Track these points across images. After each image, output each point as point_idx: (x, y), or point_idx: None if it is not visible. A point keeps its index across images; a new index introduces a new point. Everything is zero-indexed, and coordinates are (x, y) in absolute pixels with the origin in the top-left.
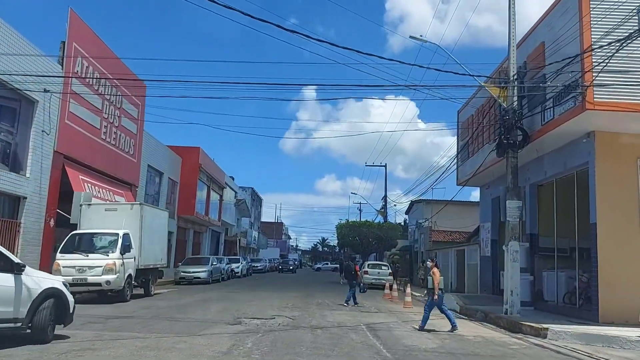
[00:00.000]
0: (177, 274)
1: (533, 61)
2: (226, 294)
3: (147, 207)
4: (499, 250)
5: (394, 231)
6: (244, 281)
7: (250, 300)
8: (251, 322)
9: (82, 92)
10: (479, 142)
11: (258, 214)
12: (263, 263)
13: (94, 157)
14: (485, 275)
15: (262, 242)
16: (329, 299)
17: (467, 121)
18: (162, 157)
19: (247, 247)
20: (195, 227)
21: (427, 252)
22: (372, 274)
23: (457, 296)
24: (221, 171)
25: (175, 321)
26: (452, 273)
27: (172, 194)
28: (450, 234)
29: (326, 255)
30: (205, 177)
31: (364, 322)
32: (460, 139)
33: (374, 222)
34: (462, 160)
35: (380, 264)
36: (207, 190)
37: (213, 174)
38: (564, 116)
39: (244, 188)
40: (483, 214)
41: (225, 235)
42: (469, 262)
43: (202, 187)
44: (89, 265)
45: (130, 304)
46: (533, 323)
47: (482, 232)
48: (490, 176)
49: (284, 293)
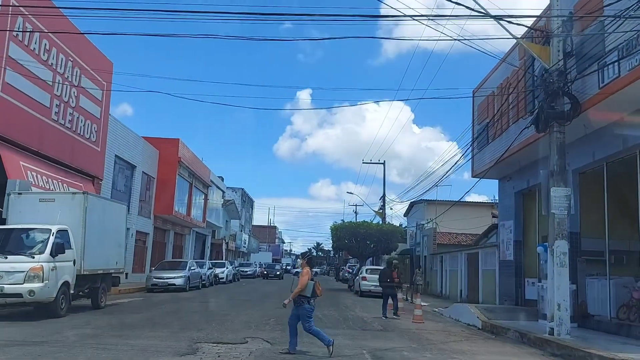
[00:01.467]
0: (149, 280)
1: (583, 9)
2: (199, 304)
3: (93, 198)
4: (525, 252)
5: (395, 233)
6: (227, 288)
7: (225, 313)
8: (211, 351)
9: (24, 61)
10: (503, 123)
11: (249, 216)
12: (253, 268)
13: (42, 140)
14: (506, 282)
15: (254, 245)
16: (320, 310)
17: (485, 102)
18: (134, 148)
19: (236, 250)
20: (177, 229)
21: (431, 257)
22: (371, 280)
23: (476, 308)
24: (206, 168)
25: (104, 349)
26: (462, 280)
27: (148, 191)
28: (455, 236)
29: (321, 259)
30: (186, 173)
31: (368, 347)
32: (476, 123)
33: (372, 222)
34: (478, 148)
35: (378, 269)
36: (189, 188)
37: (196, 170)
38: (636, 71)
39: (233, 189)
40: (503, 210)
41: (212, 237)
42: (485, 267)
43: (183, 184)
44: (6, 271)
45: (63, 320)
46: (601, 351)
47: (502, 232)
48: (513, 165)
49: (267, 303)
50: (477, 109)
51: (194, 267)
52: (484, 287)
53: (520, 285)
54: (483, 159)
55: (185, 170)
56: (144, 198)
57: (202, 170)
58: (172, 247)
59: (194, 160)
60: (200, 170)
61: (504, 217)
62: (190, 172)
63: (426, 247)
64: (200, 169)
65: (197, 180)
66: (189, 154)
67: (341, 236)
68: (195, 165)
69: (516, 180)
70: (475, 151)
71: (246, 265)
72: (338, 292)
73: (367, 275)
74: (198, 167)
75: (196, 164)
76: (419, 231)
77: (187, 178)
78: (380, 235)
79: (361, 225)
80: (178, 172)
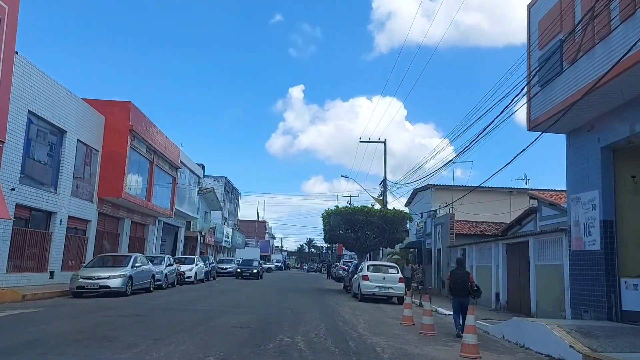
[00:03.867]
0: (74, 281)
1: None
2: (110, 321)
3: None
4: (621, 239)
5: (401, 221)
6: (189, 291)
7: (138, 343)
8: None
9: None
10: (596, 30)
11: (234, 208)
12: (233, 265)
13: None
14: (583, 284)
15: (239, 240)
16: (304, 327)
17: (555, 9)
18: (63, 108)
19: (216, 245)
20: (135, 217)
21: (447, 250)
22: (375, 280)
23: (560, 327)
24: (174, 147)
25: None
26: (499, 279)
27: (88, 166)
28: (476, 224)
29: (313, 256)
30: (144, 148)
31: None
32: (537, 49)
33: (373, 207)
34: (541, 85)
35: (386, 266)
36: (149, 168)
37: (158, 146)
38: None
39: (215, 177)
40: (576, 178)
41: (186, 230)
42: (540, 261)
43: (140, 162)
44: None
45: None
46: None
47: (574, 210)
48: (606, 102)
49: (225, 319)
50: (538, 26)
51: (140, 263)
52: (541, 291)
53: (614, 288)
54: (551, 98)
55: (142, 145)
56: (81, 175)
57: (167, 147)
58: (128, 240)
59: (155, 134)
60: (166, 147)
61: (578, 187)
62: (149, 147)
63: (440, 238)
64: (166, 146)
65: (161, 160)
66: (147, 125)
67: (335, 225)
68: (157, 140)
69: (603, 130)
70: (534, 90)
71: (226, 261)
72: (331, 293)
73: (369, 273)
74: (162, 143)
75: (159, 139)
76: (430, 220)
77: (146, 154)
78: (384, 223)
79: (360, 212)
80: (131, 144)
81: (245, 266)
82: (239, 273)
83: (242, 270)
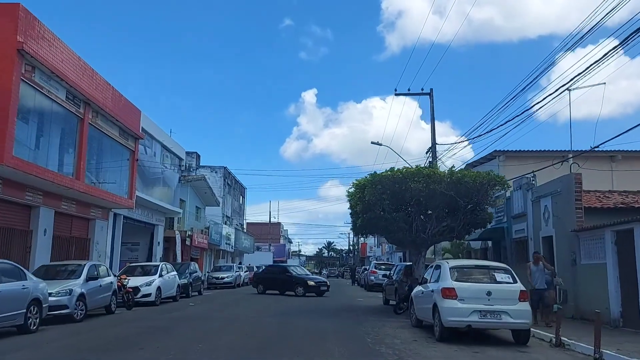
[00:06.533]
0: None
1: None
2: None
3: None
4: None
5: (486, 191)
6: (91, 331)
7: None
8: None
9: None
10: None
11: (239, 206)
12: (233, 273)
13: None
14: None
15: (245, 244)
16: None
17: None
18: None
19: (214, 249)
20: (65, 206)
21: (568, 238)
22: (470, 298)
23: None
24: (129, 105)
25: None
26: None
27: None
28: (604, 195)
29: (333, 260)
30: (61, 92)
31: None
32: None
33: (438, 168)
34: None
35: (488, 268)
36: (77, 126)
37: (93, 96)
38: None
39: (212, 168)
40: None
41: (167, 228)
42: None
43: (55, 113)
44: None
45: None
46: None
47: None
48: None
49: None
50: None
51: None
52: None
53: None
54: None
55: (53, 83)
56: None
57: (116, 103)
58: (50, 240)
59: (88, 77)
60: (112, 102)
61: None
62: (75, 93)
63: (550, 219)
64: (112, 100)
65: (102, 119)
66: (65, 54)
67: (373, 202)
68: (94, 86)
69: None
70: None
71: (224, 269)
72: (369, 314)
73: (458, 284)
74: (103, 93)
75: (96, 85)
76: (521, 194)
77: (68, 104)
78: (458, 195)
79: (416, 175)
80: (24, 77)
81: (217, 272)
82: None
83: (217, 280)
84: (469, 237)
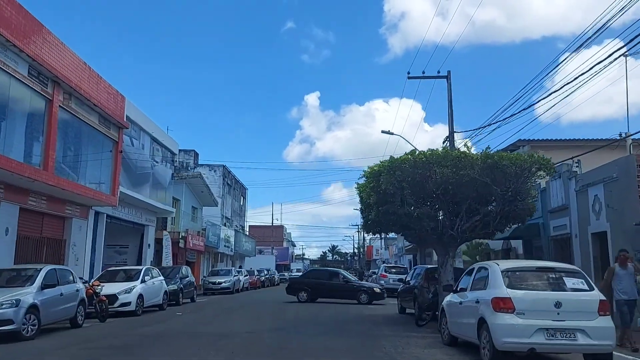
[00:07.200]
0: None
1: None
2: None
3: None
4: None
5: (527, 177)
6: (53, 346)
7: None
8: None
9: None
10: None
11: (240, 207)
12: (231, 278)
13: None
14: None
15: (247, 247)
16: None
17: None
18: None
19: (210, 252)
20: (33, 201)
21: (634, 236)
22: (533, 313)
23: None
24: (111, 90)
25: None
26: None
27: None
28: None
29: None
30: (21, 66)
31: None
32: None
33: (469, 150)
34: None
35: (555, 270)
36: (46, 108)
37: (62, 74)
38: None
39: (211, 166)
40: None
41: (160, 229)
42: None
43: (17, 94)
44: None
45: None
46: None
47: None
48: None
49: None
50: None
51: None
52: None
53: None
54: None
55: (10, 55)
56: None
57: (93, 84)
58: (14, 242)
59: (54, 49)
60: (89, 83)
61: None
62: (35, 66)
63: (601, 211)
64: (89, 81)
65: (76, 102)
66: (22, 17)
67: (390, 191)
68: (62, 62)
69: None
70: None
71: (222, 274)
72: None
73: (514, 293)
74: (73, 71)
75: (65, 61)
76: (560, 183)
77: (29, 81)
78: (493, 182)
79: (443, 159)
80: None
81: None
82: (302, 288)
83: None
84: (497, 236)
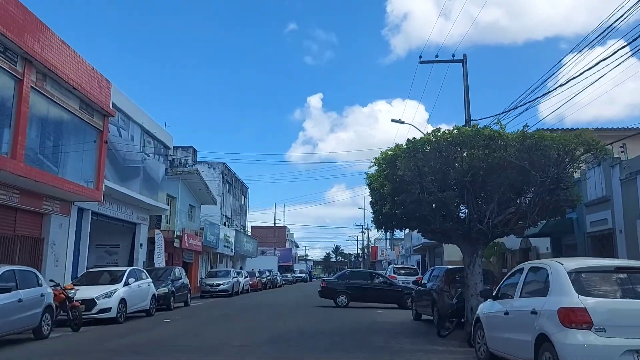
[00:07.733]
0: None
1: None
2: None
3: None
4: None
5: (571, 160)
6: None
7: None
8: None
9: None
10: None
11: (240, 206)
12: (229, 280)
13: None
14: None
15: (248, 247)
16: None
17: None
18: None
19: (209, 252)
20: (15, 198)
21: None
22: (630, 331)
23: None
24: (94, 74)
25: None
26: None
27: None
28: None
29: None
30: None
31: None
32: None
33: (503, 129)
34: None
35: None
36: (15, 89)
37: (23, 40)
38: None
39: (210, 164)
40: None
41: (153, 228)
42: None
43: None
44: None
45: None
46: None
47: None
48: None
49: None
50: None
51: None
52: None
53: None
54: None
55: None
56: None
57: (71, 65)
58: None
59: (20, 18)
60: (65, 63)
61: None
62: (1, 40)
63: None
64: (67, 61)
65: (52, 84)
66: None
67: (408, 180)
68: (28, 32)
69: None
70: None
71: (220, 275)
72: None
73: (597, 301)
74: (48, 49)
75: (34, 31)
76: (612, 169)
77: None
78: (532, 167)
79: (473, 139)
80: None
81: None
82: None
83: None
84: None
